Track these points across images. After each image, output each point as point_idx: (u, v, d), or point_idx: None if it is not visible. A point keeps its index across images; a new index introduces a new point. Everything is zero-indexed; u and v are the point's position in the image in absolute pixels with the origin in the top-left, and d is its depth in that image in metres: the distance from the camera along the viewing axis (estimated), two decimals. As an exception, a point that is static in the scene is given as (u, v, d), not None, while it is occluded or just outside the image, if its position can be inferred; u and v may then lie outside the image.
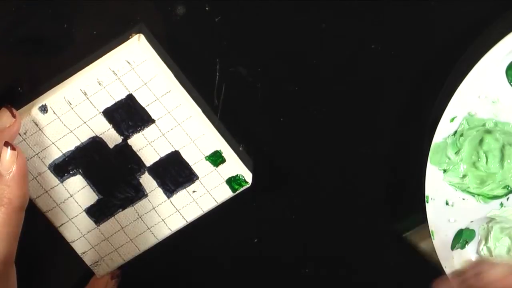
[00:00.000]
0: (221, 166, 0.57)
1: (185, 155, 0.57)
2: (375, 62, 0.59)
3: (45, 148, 0.56)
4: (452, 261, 0.64)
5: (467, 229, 0.64)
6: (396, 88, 0.60)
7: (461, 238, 0.64)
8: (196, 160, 0.57)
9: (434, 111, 0.60)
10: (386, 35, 0.58)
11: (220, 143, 0.57)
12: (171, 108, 0.55)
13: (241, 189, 0.58)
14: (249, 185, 0.58)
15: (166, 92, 0.54)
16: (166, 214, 0.59)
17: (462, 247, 0.65)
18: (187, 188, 0.58)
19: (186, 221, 0.59)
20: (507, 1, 0.57)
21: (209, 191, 0.58)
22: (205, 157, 0.57)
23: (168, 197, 0.58)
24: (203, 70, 0.58)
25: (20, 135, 0.55)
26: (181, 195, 0.58)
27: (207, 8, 0.57)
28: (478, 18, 0.58)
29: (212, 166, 0.57)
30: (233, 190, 0.58)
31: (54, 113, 0.55)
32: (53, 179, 0.57)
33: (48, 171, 0.57)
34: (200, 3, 0.56)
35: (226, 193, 0.58)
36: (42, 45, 0.56)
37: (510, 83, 0.58)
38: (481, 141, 0.61)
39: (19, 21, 0.55)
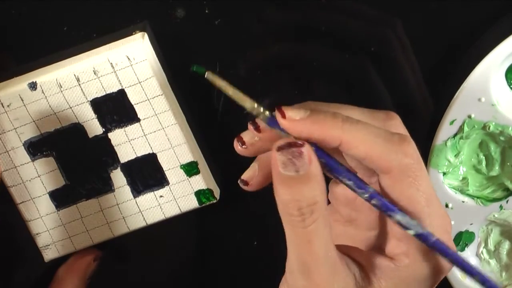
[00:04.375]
0: (193, 177, 0.58)
1: (161, 159, 0.57)
2: (375, 64, 0.59)
3: (24, 125, 0.56)
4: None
5: (466, 231, 0.64)
6: (396, 90, 0.60)
7: (461, 240, 0.64)
8: (170, 166, 0.57)
9: (434, 114, 0.60)
10: (386, 38, 0.59)
11: (198, 155, 0.58)
12: (159, 111, 0.56)
13: (208, 203, 0.59)
14: (216, 201, 0.59)
15: (158, 94, 0.55)
16: (128, 212, 0.59)
17: (462, 250, 0.65)
18: (155, 192, 0.58)
19: (146, 223, 0.59)
20: (506, 5, 0.58)
21: (176, 199, 0.58)
22: (180, 165, 0.58)
23: (135, 197, 0.58)
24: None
25: (3, 107, 0.55)
26: (148, 197, 0.58)
27: (206, 11, 0.58)
28: (478, 21, 0.59)
29: (185, 175, 0.58)
30: (200, 202, 0.59)
31: (43, 92, 0.55)
32: (25, 156, 0.57)
33: (22, 147, 0.56)
34: (200, 6, 0.57)
35: (192, 204, 0.59)
36: (44, 22, 0.57)
37: (509, 86, 0.59)
38: (480, 144, 0.62)
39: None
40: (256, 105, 0.44)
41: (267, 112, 0.44)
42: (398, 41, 0.59)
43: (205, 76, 0.46)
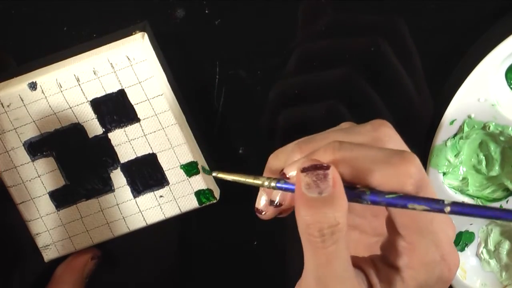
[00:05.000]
0: (193, 177, 0.58)
1: (161, 160, 0.57)
2: (375, 64, 0.59)
3: (24, 125, 0.56)
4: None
5: (466, 231, 0.64)
6: (396, 90, 0.60)
7: (461, 240, 0.64)
8: (170, 167, 0.57)
9: (434, 114, 0.60)
10: (385, 38, 0.59)
11: (197, 155, 0.58)
12: (159, 111, 0.56)
13: (208, 203, 0.59)
14: (216, 201, 0.59)
15: (158, 94, 0.55)
16: (128, 212, 0.59)
17: (462, 250, 0.65)
18: (155, 192, 0.58)
19: (146, 223, 0.59)
20: (506, 5, 0.58)
21: (176, 199, 0.58)
22: (180, 166, 0.58)
23: (134, 197, 0.58)
24: (203, 73, 0.59)
25: (3, 107, 0.55)
26: (148, 197, 0.58)
27: (207, 11, 0.58)
28: (478, 22, 0.59)
29: (185, 175, 0.58)
30: (200, 203, 0.59)
31: (43, 92, 0.55)
32: (25, 156, 0.57)
33: (22, 147, 0.56)
34: (200, 6, 0.57)
35: (192, 204, 0.59)
36: (44, 22, 0.57)
37: (509, 86, 0.59)
38: (480, 144, 0.62)
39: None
40: (266, 181, 0.47)
41: (272, 183, 0.46)
42: (399, 42, 0.59)
43: (213, 175, 0.53)
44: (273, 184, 0.46)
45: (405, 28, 0.58)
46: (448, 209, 0.41)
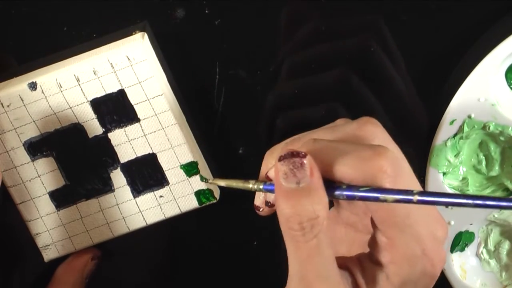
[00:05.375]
0: (193, 177, 0.58)
1: (161, 160, 0.57)
2: (374, 65, 0.59)
3: (24, 125, 0.56)
4: (452, 263, 0.64)
5: (466, 231, 0.64)
6: (396, 91, 0.60)
7: (461, 240, 0.64)
8: (170, 167, 0.57)
9: (434, 114, 0.60)
10: (385, 37, 0.59)
11: (197, 155, 0.58)
12: (159, 111, 0.56)
13: (208, 203, 0.59)
14: (216, 201, 0.59)
15: (158, 94, 0.55)
16: (128, 212, 0.59)
17: (462, 250, 0.65)
18: (155, 192, 0.58)
19: (146, 223, 0.59)
20: (506, 5, 0.58)
21: (176, 199, 0.58)
22: (180, 166, 0.58)
23: (134, 197, 0.58)
24: (203, 73, 0.59)
25: (3, 107, 0.55)
26: (148, 197, 0.58)
27: (207, 11, 0.58)
28: (478, 22, 0.59)
29: (185, 175, 0.58)
30: (200, 202, 0.59)
31: (43, 92, 0.55)
32: (25, 156, 0.57)
33: (22, 147, 0.56)
34: (200, 6, 0.57)
35: (192, 204, 0.59)
36: (44, 22, 0.57)
37: (509, 86, 0.59)
38: (480, 144, 0.62)
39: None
40: (256, 185, 0.48)
41: (260, 186, 0.48)
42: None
43: (208, 182, 0.56)
44: (260, 186, 0.47)
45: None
46: (416, 198, 0.41)
